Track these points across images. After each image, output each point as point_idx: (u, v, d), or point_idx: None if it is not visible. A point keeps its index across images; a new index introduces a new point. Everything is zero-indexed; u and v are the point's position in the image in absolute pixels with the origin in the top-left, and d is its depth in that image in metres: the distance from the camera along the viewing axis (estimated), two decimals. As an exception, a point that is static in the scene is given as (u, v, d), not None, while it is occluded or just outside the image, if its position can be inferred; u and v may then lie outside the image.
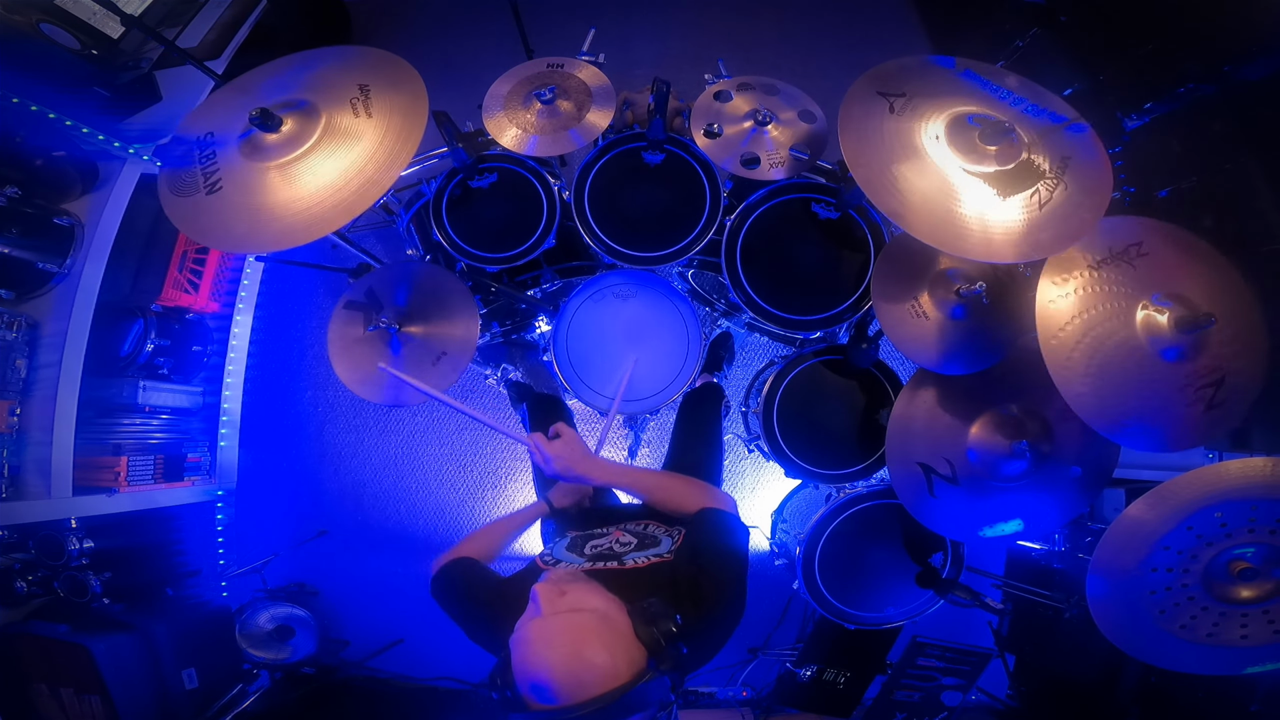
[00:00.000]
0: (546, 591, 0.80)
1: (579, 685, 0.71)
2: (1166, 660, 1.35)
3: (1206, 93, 1.73)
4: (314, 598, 2.65)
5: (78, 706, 2.02)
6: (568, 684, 0.71)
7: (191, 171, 1.31)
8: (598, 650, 0.73)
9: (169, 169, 1.33)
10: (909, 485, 1.53)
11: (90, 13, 1.97)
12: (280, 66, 1.45)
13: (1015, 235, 1.22)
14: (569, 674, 0.71)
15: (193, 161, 1.31)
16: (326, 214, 1.23)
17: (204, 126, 1.37)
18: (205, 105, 1.48)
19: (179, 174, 1.31)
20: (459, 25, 3.08)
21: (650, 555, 0.98)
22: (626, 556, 0.99)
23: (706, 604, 0.86)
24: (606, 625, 0.77)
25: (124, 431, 2.39)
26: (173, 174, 1.31)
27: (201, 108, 1.47)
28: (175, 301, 2.53)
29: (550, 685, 0.71)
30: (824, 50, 2.94)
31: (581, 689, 0.70)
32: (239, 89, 1.44)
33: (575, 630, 0.75)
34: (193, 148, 1.34)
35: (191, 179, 1.30)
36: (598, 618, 0.77)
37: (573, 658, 0.72)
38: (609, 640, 0.75)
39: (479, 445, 2.74)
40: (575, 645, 0.73)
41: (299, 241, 1.23)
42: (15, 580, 2.10)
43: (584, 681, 0.71)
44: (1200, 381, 1.26)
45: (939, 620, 1.76)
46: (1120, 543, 1.32)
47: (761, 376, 1.97)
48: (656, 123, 1.58)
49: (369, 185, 1.24)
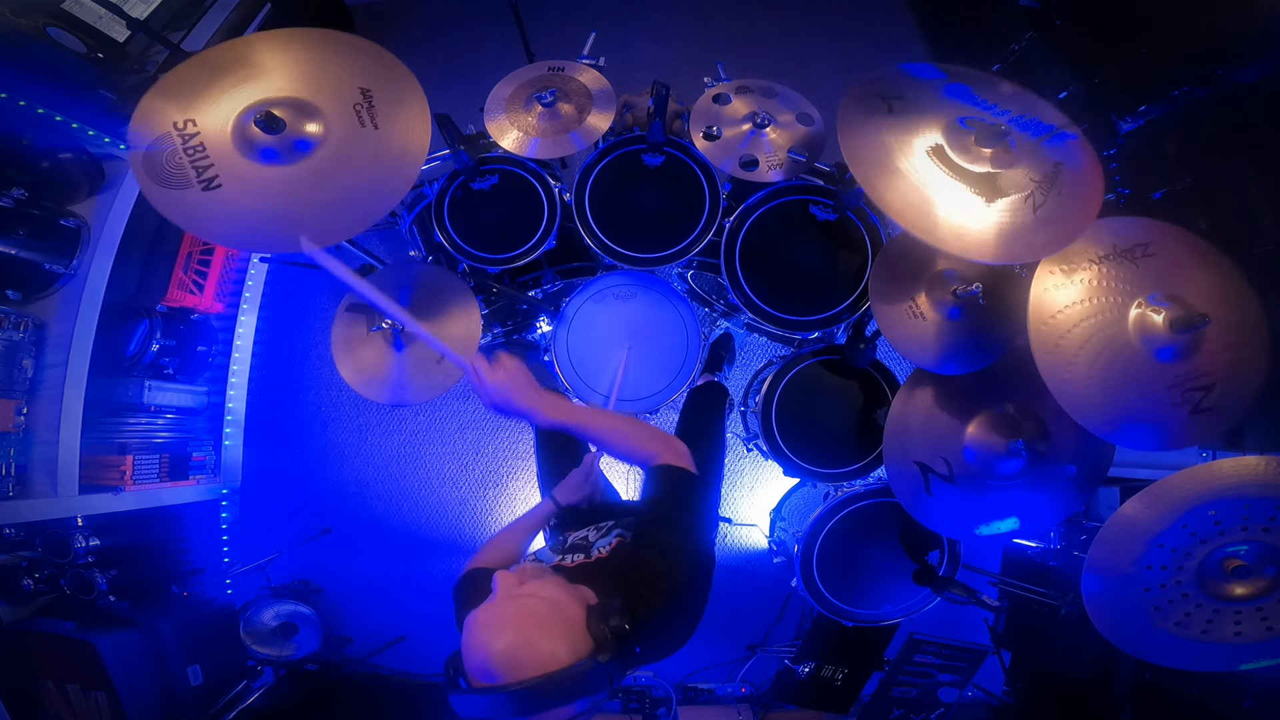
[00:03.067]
0: (505, 579, 0.82)
1: (515, 666, 0.72)
2: (1161, 657, 1.36)
3: (1200, 96, 1.74)
4: (317, 595, 2.67)
5: (84, 702, 2.04)
6: (504, 664, 0.72)
7: (176, 159, 1.25)
8: (539, 635, 0.75)
9: (139, 149, 1.26)
10: (906, 484, 1.54)
11: (96, 17, 1.99)
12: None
13: (1010, 237, 1.24)
14: (506, 654, 0.73)
15: (169, 145, 1.26)
16: (326, 225, 1.25)
17: (180, 114, 1.31)
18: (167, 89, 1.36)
19: (154, 158, 1.25)
20: (461, 29, 3.10)
21: (614, 537, 1.00)
22: (593, 547, 1.00)
23: (658, 594, 0.86)
24: (555, 613, 0.78)
25: (130, 431, 2.41)
26: (148, 158, 1.25)
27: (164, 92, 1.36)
28: (180, 302, 2.55)
29: (489, 664, 0.73)
30: (822, 54, 2.96)
31: (517, 670, 0.72)
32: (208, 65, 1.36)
33: (521, 615, 0.77)
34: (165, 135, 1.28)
35: (181, 172, 1.26)
36: (547, 605, 0.78)
37: (514, 639, 0.74)
38: (554, 627, 0.76)
39: (481, 444, 2.76)
40: (518, 628, 0.75)
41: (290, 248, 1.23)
42: (22, 578, 2.12)
43: (520, 663, 0.72)
44: (1188, 384, 1.28)
45: (936, 617, 1.78)
46: (1115, 541, 1.33)
47: (760, 376, 1.98)
48: (656, 125, 1.59)
49: (363, 210, 1.26)
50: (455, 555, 2.72)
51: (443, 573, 2.71)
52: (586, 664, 0.74)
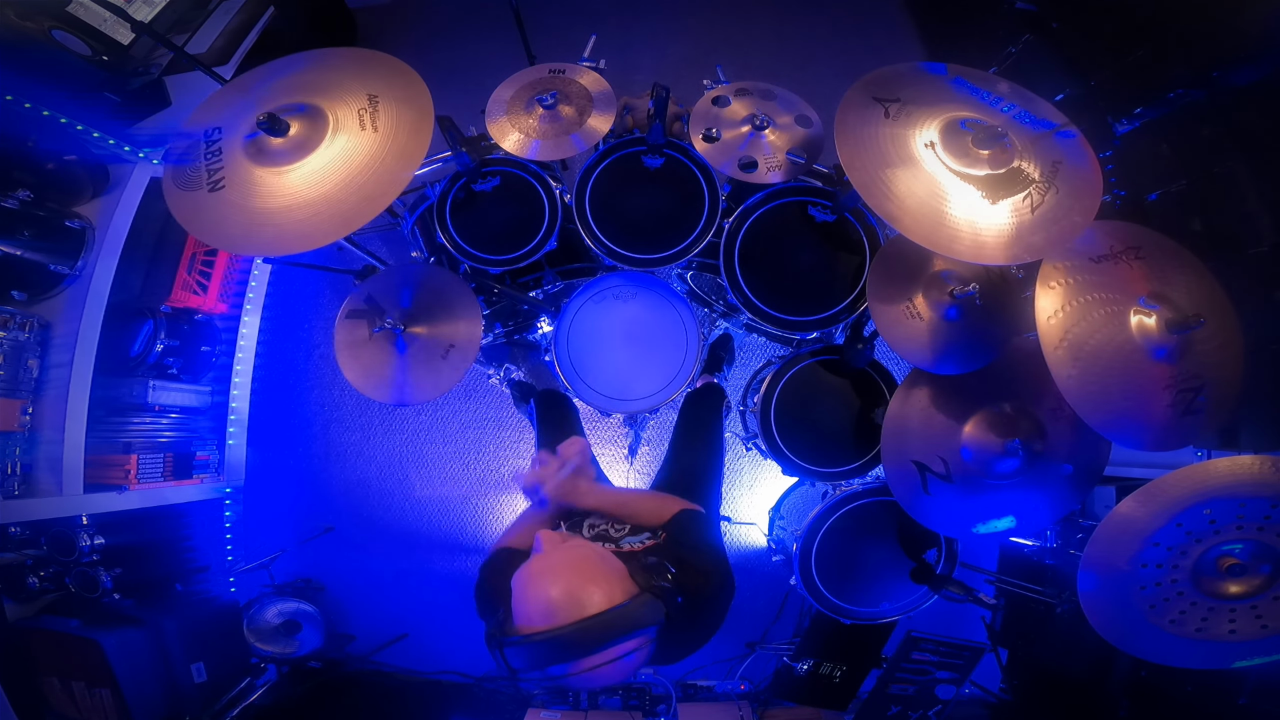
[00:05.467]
0: (550, 536, 0.86)
1: (576, 605, 0.75)
2: (1156, 654, 1.37)
3: (1195, 98, 1.75)
4: (320, 593, 2.69)
5: (89, 699, 2.05)
6: (565, 603, 0.75)
7: (197, 167, 1.31)
8: (595, 576, 0.79)
9: (174, 163, 1.34)
10: (904, 483, 1.55)
11: (101, 19, 2.00)
12: (289, 65, 1.46)
13: (1007, 238, 1.25)
14: (566, 595, 0.76)
15: (199, 157, 1.32)
16: (325, 225, 1.26)
17: (211, 120, 1.37)
18: (211, 102, 1.45)
19: (184, 169, 1.32)
20: (463, 31, 3.11)
21: (644, 539, 1.03)
22: (623, 540, 1.03)
23: (697, 586, 0.89)
24: (603, 560, 0.83)
25: (134, 430, 2.42)
26: (178, 168, 1.32)
27: (208, 104, 1.46)
28: (184, 302, 2.57)
29: (550, 606, 0.75)
30: (820, 56, 2.97)
31: (579, 608, 0.75)
32: (241, 89, 1.45)
33: (575, 560, 0.81)
34: (200, 139, 1.35)
35: (196, 173, 1.31)
36: (595, 552, 0.83)
37: (573, 582, 0.77)
38: (605, 571, 0.81)
39: (482, 443, 2.77)
40: (574, 571, 0.79)
41: (296, 249, 1.26)
42: (27, 576, 2.13)
43: (581, 601, 0.76)
44: (1181, 385, 1.29)
45: (933, 615, 1.79)
46: (1111, 539, 1.34)
47: (759, 376, 1.99)
48: (656, 127, 1.60)
49: (367, 201, 1.27)
50: (457, 553, 2.73)
51: (444, 571, 2.72)
52: (642, 598, 0.79)
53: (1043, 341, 1.27)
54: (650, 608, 0.78)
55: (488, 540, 2.73)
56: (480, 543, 2.73)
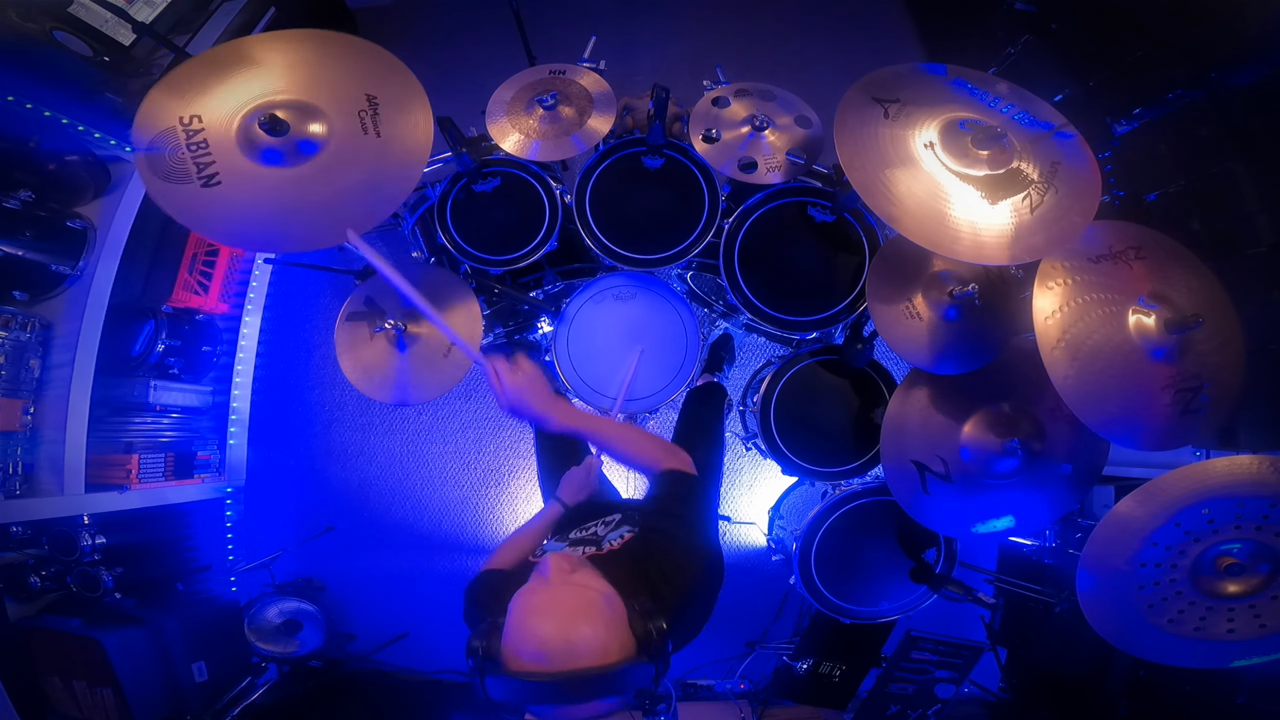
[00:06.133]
0: (559, 562, 0.82)
1: (571, 654, 0.73)
2: (1155, 654, 1.37)
3: (1194, 98, 1.75)
4: (321, 592, 2.70)
5: (90, 699, 2.06)
6: (560, 651, 0.73)
7: (179, 155, 1.25)
8: (596, 625, 0.76)
9: (145, 151, 1.25)
10: (903, 482, 1.55)
11: (102, 20, 2.00)
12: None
13: (1007, 238, 1.25)
14: (564, 641, 0.73)
15: (172, 145, 1.25)
16: (324, 227, 1.26)
17: (186, 110, 1.29)
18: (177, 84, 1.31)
19: (156, 157, 1.24)
20: (463, 32, 3.12)
21: (624, 532, 1.01)
22: (604, 540, 1.01)
23: (674, 591, 0.88)
24: (609, 607, 0.79)
25: (135, 430, 2.43)
26: (151, 156, 1.24)
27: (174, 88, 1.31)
28: (185, 303, 2.58)
29: (543, 648, 0.73)
30: (820, 57, 2.97)
31: (573, 659, 0.73)
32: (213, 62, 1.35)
33: (580, 603, 0.78)
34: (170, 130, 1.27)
35: (181, 166, 1.25)
36: (601, 597, 0.79)
37: (572, 627, 0.74)
38: (608, 620, 0.77)
39: (482, 443, 2.78)
40: (577, 615, 0.76)
41: (299, 248, 1.26)
42: (29, 575, 2.14)
43: (577, 652, 0.73)
44: (1179, 385, 1.29)
45: (932, 614, 1.79)
46: (1109, 539, 1.34)
47: (759, 376, 2.00)
48: (656, 128, 1.61)
49: (367, 210, 1.27)
50: (457, 553, 2.74)
51: (445, 570, 2.73)
52: (639, 660, 0.76)
53: (1040, 342, 1.27)
54: (640, 672, 0.76)
55: (488, 540, 2.74)
56: (481, 542, 2.74)
